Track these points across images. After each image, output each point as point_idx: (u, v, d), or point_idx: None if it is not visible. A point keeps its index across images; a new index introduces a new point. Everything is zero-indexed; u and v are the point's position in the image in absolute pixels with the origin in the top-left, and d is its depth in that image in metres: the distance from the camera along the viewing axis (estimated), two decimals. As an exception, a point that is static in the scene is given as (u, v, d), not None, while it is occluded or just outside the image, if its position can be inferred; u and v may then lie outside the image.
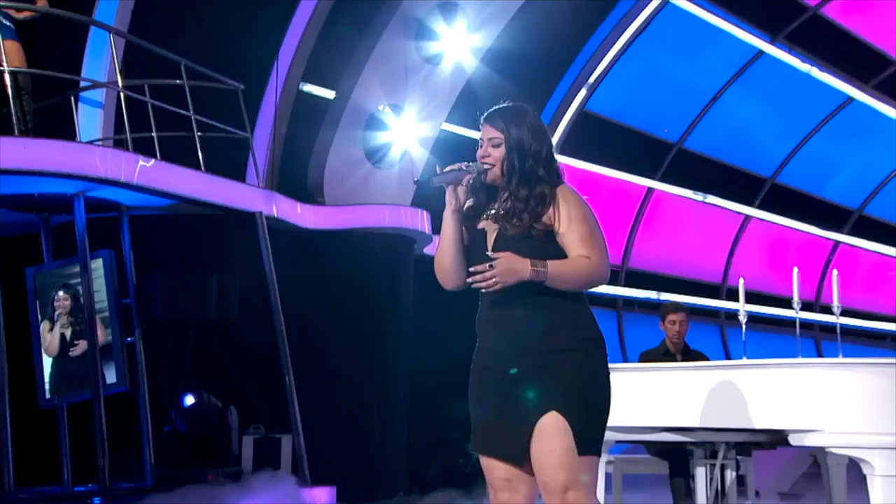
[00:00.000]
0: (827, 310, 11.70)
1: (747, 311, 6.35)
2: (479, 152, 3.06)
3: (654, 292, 11.36)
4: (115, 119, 7.63)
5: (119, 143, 7.06)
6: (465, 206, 3.08)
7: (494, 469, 3.03)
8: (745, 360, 5.27)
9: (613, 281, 10.88)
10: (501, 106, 3.16)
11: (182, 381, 6.92)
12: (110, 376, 6.36)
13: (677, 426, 5.19)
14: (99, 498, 5.89)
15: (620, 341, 11.06)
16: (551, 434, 2.89)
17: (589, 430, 2.95)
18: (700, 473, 5.91)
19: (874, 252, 13.34)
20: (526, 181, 2.98)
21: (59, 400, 6.41)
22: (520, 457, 2.95)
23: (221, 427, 6.77)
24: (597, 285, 3.02)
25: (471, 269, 2.95)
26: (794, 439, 4.92)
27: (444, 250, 3.08)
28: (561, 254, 2.97)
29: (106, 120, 7.57)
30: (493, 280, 2.89)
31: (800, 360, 5.05)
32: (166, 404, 6.86)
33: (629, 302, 11.25)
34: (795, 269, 5.88)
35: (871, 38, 10.88)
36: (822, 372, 4.84)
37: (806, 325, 12.00)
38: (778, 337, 11.40)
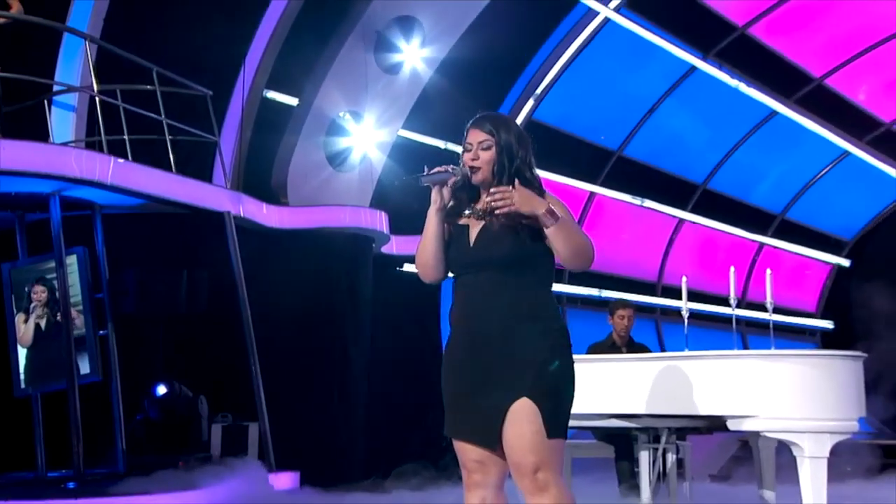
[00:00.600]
0: (752, 306, 11.99)
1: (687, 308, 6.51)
2: (468, 155, 3.05)
3: (596, 289, 11.43)
4: (88, 122, 7.61)
5: (91, 146, 7.00)
6: (448, 205, 3.07)
7: (468, 452, 3.05)
8: (687, 352, 5.35)
9: (558, 279, 10.77)
10: (488, 113, 3.16)
11: (154, 372, 6.84)
12: (84, 367, 6.32)
13: (623, 413, 5.25)
14: (73, 483, 5.86)
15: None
16: (523, 419, 2.92)
17: (557, 415, 2.98)
18: (644, 457, 5.97)
19: (795, 253, 13.50)
20: (517, 175, 2.99)
21: (34, 389, 6.36)
22: (493, 440, 2.97)
23: (192, 415, 6.74)
24: (586, 261, 3.04)
25: (492, 190, 2.92)
26: (731, 424, 5.02)
27: (426, 245, 3.09)
28: (543, 254, 3.00)
29: (78, 123, 7.50)
30: (511, 201, 2.88)
31: (738, 351, 5.20)
32: (139, 394, 6.79)
33: (572, 298, 11.27)
34: (732, 269, 6.02)
35: (793, 57, 10.96)
36: (757, 362, 4.96)
37: (730, 320, 12.22)
38: (707, 331, 11.55)
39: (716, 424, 5.25)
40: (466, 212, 3.08)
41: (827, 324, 13.89)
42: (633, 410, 5.26)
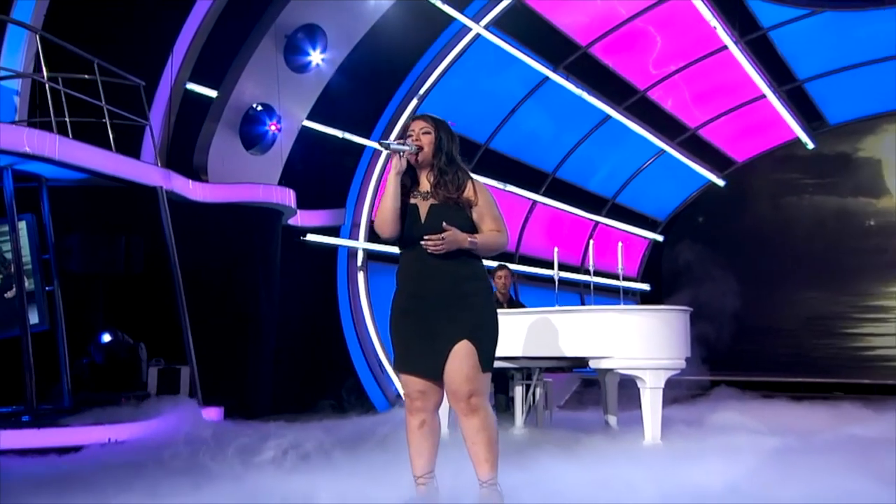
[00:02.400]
0: (588, 272, 12.58)
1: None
2: (412, 139, 3.22)
3: None
4: (30, 105, 7.37)
5: (32, 125, 6.80)
6: (402, 170, 3.20)
7: (412, 383, 3.17)
8: (558, 308, 5.61)
9: None
10: (425, 113, 3.35)
11: (96, 323, 6.70)
12: (33, 318, 6.29)
13: (504, 356, 5.39)
14: (27, 416, 5.80)
15: None
16: (463, 356, 3.09)
17: (488, 354, 3.16)
18: (518, 391, 6.27)
19: (622, 230, 13.71)
20: (450, 160, 3.22)
21: None
22: (437, 373, 3.12)
23: (133, 359, 6.67)
24: (499, 253, 3.28)
25: (426, 237, 3.10)
26: (592, 363, 5.34)
27: (385, 203, 3.20)
28: (472, 231, 3.19)
29: (21, 105, 7.27)
30: (443, 245, 3.06)
31: (598, 306, 5.51)
32: (83, 341, 6.66)
33: None
34: (591, 244, 6.36)
35: (623, 73, 11.27)
36: (613, 315, 5.31)
37: (574, 283, 12.49)
38: (550, 292, 11.92)
39: (578, 364, 5.57)
40: (414, 192, 3.23)
41: (645, 286, 14.33)
42: (513, 354, 5.46)
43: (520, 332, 5.48)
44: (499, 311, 3.37)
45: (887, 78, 11.18)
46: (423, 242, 3.12)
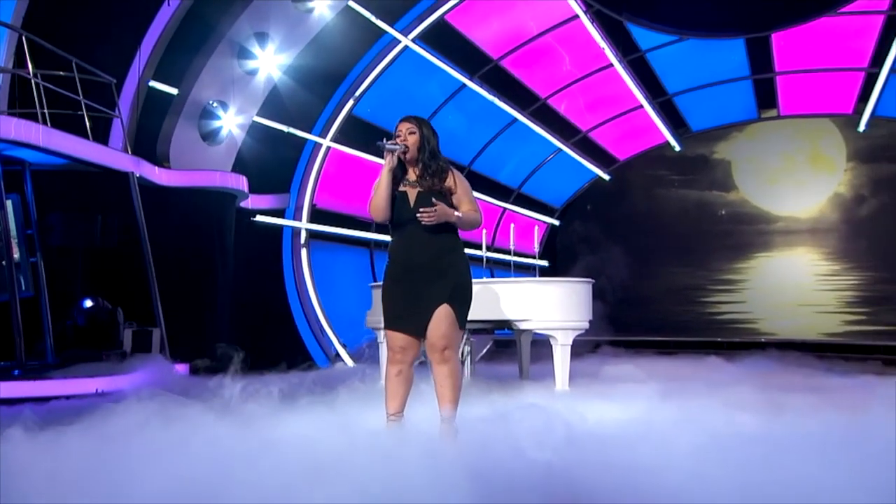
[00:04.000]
0: (498, 251, 12.38)
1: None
2: (399, 139, 3.34)
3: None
4: (9, 97, 7.27)
5: (13, 116, 6.74)
6: (394, 167, 3.32)
7: (397, 339, 3.30)
8: (486, 279, 5.75)
9: (367, 227, 10.94)
10: (412, 115, 3.45)
11: (75, 291, 6.70)
12: (21, 285, 6.32)
13: None
14: (17, 370, 5.85)
15: (372, 268, 11.18)
16: (443, 317, 3.27)
17: (463, 316, 3.34)
18: None
19: (525, 215, 13.62)
20: (433, 155, 3.36)
21: None
22: (420, 331, 3.28)
23: (111, 322, 6.68)
24: (479, 226, 3.40)
25: (421, 210, 3.22)
26: (515, 325, 5.50)
27: (379, 193, 3.32)
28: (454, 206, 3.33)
29: (0, 97, 7.19)
30: (435, 216, 3.20)
31: (522, 278, 5.61)
32: (65, 306, 6.65)
33: (379, 243, 11.27)
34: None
35: (528, 83, 11.40)
36: (533, 285, 5.51)
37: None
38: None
39: (499, 326, 5.74)
40: (404, 182, 3.39)
41: (544, 263, 14.31)
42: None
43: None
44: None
45: (737, 95, 12.00)
46: (418, 214, 3.24)
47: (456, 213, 3.29)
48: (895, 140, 11.74)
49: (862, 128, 11.78)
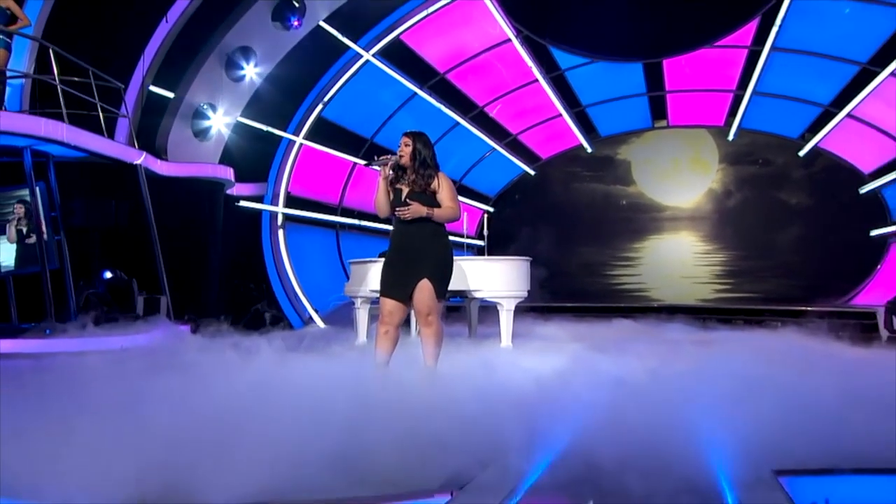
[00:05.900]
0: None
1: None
2: (400, 149, 3.59)
3: (359, 220, 11.35)
4: (31, 98, 7.34)
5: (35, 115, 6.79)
6: (390, 177, 3.59)
7: (388, 304, 3.50)
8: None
9: (333, 212, 11.03)
10: (412, 130, 3.71)
11: (94, 264, 6.83)
12: (47, 259, 6.50)
13: None
14: (49, 329, 6.01)
15: (338, 248, 11.27)
16: (425, 289, 3.47)
17: (441, 288, 3.54)
18: (412, 313, 5.68)
19: (466, 203, 12.65)
20: (423, 164, 3.59)
21: (17, 270, 6.36)
22: (406, 298, 3.50)
23: (127, 291, 6.84)
24: (455, 221, 3.56)
25: (398, 209, 3.44)
26: (469, 294, 5.72)
27: (379, 198, 3.57)
28: (438, 206, 3.53)
29: (24, 99, 7.24)
30: (410, 213, 3.43)
31: (475, 257, 5.92)
32: (87, 278, 6.77)
33: (343, 225, 11.34)
34: (465, 214, 6.74)
35: (469, 93, 11.58)
36: (485, 262, 5.73)
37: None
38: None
39: (455, 295, 5.83)
40: (402, 181, 3.64)
41: (480, 242, 14.50)
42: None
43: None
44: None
45: (636, 107, 12.73)
46: (397, 211, 3.55)
47: (427, 210, 3.47)
48: (755, 147, 12.88)
49: (731, 137, 12.89)
